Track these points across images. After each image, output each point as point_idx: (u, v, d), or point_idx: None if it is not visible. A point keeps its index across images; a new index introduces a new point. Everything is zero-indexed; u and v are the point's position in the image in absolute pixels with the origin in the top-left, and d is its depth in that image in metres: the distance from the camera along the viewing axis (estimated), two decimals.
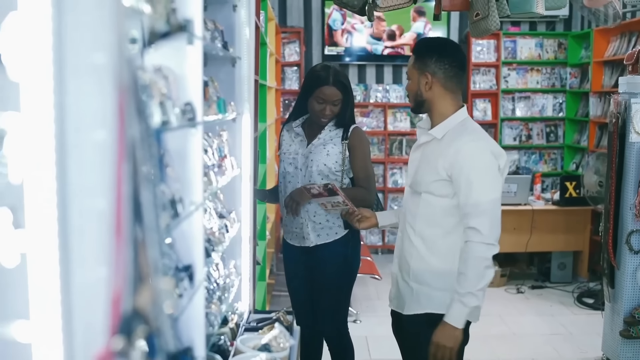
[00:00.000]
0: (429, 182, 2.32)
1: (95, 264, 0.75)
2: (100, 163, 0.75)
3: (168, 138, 1.38)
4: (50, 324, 0.71)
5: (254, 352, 1.79)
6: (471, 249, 2.21)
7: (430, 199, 2.34)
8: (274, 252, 5.90)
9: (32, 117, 0.71)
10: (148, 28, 1.04)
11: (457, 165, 2.25)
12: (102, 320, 0.74)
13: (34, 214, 0.71)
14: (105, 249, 0.74)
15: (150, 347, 0.77)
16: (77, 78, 0.74)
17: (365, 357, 4.33)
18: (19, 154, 0.69)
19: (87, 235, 0.74)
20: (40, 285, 0.71)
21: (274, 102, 5.83)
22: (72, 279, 0.73)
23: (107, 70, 0.76)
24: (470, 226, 2.22)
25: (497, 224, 2.25)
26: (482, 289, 2.21)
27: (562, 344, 4.63)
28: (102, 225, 0.75)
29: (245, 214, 2.37)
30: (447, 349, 2.23)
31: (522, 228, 5.79)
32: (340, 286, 3.15)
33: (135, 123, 0.77)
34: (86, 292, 0.74)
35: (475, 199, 2.22)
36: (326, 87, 2.96)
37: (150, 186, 0.79)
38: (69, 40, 0.74)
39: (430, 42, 2.62)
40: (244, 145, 2.31)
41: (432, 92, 2.36)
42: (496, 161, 2.28)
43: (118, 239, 0.73)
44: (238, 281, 2.28)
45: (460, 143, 2.27)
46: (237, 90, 2.25)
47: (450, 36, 6.98)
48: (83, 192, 0.75)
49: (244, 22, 2.29)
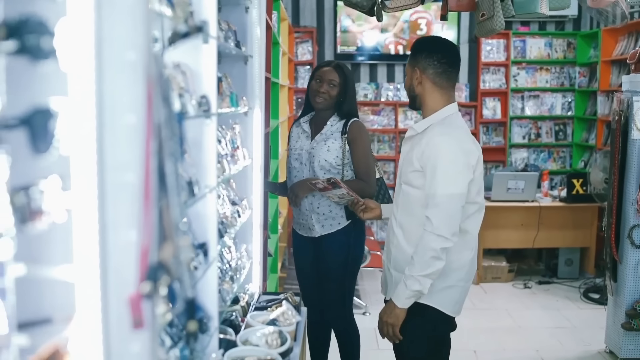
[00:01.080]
0: (407, 172, 2.40)
1: (126, 223, 0.91)
2: (131, 141, 0.91)
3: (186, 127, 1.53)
4: (89, 269, 0.87)
5: (263, 325, 1.95)
6: (422, 237, 2.27)
7: (408, 190, 2.41)
8: (285, 246, 6.05)
9: (77, 101, 0.87)
10: (170, 29, 1.20)
11: (425, 156, 2.31)
12: (133, 268, 0.90)
13: (77, 181, 0.87)
14: (135, 210, 0.90)
15: (171, 293, 0.92)
16: (113, 70, 0.90)
17: (374, 348, 4.46)
18: (67, 131, 0.85)
19: (121, 199, 0.90)
20: (81, 237, 0.87)
21: (286, 100, 5.97)
22: (108, 233, 0.89)
23: (137, 64, 0.91)
24: (426, 215, 2.29)
25: (451, 218, 2.27)
26: (426, 276, 2.27)
27: (566, 336, 4.72)
28: (133, 191, 0.91)
29: (256, 201, 2.53)
30: (389, 324, 2.37)
31: (529, 224, 5.87)
32: (344, 275, 3.26)
33: (161, 109, 0.93)
34: (119, 244, 0.90)
35: (434, 190, 2.28)
36: (325, 69, 3.19)
37: (172, 160, 0.95)
38: (106, 40, 0.89)
39: (423, 40, 2.69)
40: (255, 137, 2.47)
41: (422, 87, 2.43)
42: (465, 157, 2.32)
43: (146, 203, 0.89)
44: (249, 264, 2.44)
45: (432, 135, 2.34)
46: (249, 86, 2.42)
47: (460, 36, 7.09)
48: (117, 163, 0.90)
49: (255, 23, 2.45)
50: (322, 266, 3.27)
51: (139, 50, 0.91)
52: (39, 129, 0.77)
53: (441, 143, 2.30)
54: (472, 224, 2.43)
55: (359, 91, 7.17)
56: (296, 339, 2.02)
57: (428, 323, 2.43)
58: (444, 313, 2.43)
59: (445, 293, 2.41)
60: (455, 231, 2.29)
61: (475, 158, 2.37)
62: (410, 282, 2.28)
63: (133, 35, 0.91)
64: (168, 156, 0.93)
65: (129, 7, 0.90)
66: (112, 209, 0.89)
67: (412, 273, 2.27)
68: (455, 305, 2.47)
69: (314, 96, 3.19)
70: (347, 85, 3.20)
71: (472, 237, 2.46)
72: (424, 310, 2.40)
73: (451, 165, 2.29)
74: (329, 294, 3.26)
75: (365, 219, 2.90)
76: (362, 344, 4.31)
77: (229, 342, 1.86)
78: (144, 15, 0.91)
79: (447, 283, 2.40)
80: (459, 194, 2.29)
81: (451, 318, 2.48)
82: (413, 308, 2.37)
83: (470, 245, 2.45)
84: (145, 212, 0.89)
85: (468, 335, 4.55)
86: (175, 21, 1.21)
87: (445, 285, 2.40)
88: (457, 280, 2.43)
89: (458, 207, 2.29)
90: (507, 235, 5.97)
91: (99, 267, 0.88)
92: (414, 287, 2.28)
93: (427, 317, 2.41)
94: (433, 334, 2.47)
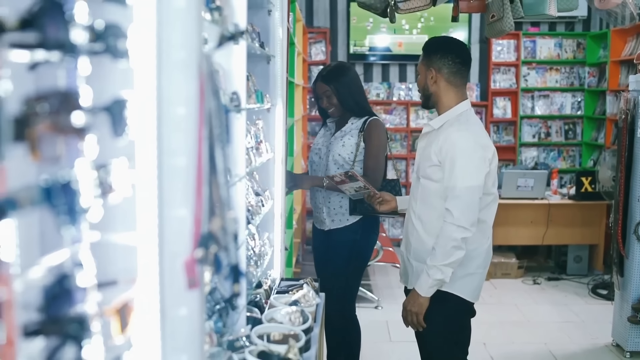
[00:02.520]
0: (425, 167, 2.54)
1: (181, 198, 1.05)
2: (185, 127, 1.06)
3: None
4: (149, 235, 1.02)
5: (285, 305, 2.10)
6: (443, 229, 2.41)
7: (427, 184, 2.54)
8: (300, 242, 6.19)
9: (141, 93, 1.02)
10: (215, 32, 1.35)
11: (444, 152, 2.45)
12: (187, 237, 1.05)
13: (141, 161, 1.02)
14: (189, 187, 1.05)
15: (218, 261, 1.07)
16: (171, 68, 1.05)
17: (385, 339, 4.59)
18: (133, 119, 1.00)
19: (177, 177, 1.05)
20: (143, 209, 1.02)
21: (301, 100, 6.12)
22: (165, 206, 1.04)
23: (191, 63, 1.06)
24: (446, 207, 2.42)
25: (470, 209, 2.40)
26: (448, 265, 2.40)
27: (574, 330, 4.82)
28: (187, 171, 1.06)
29: (278, 192, 2.68)
30: (413, 313, 2.51)
31: (538, 221, 5.98)
32: (347, 270, 3.32)
33: (211, 101, 1.07)
34: (175, 215, 1.05)
35: (453, 183, 2.41)
36: (316, 85, 3.33)
37: (220, 145, 1.09)
38: (165, 41, 1.05)
39: (437, 40, 2.76)
40: (277, 132, 2.62)
41: (437, 86, 2.56)
42: (482, 151, 2.46)
43: (198, 181, 1.04)
44: (271, 252, 2.59)
45: (450, 131, 2.47)
46: (271, 84, 2.57)
47: (471, 36, 7.21)
48: (173, 147, 1.06)
49: (277, 25, 2.60)
50: (328, 259, 3.37)
51: (192, 50, 1.07)
52: (117, 116, 0.92)
53: (459, 139, 2.44)
54: (488, 214, 2.57)
55: (371, 90, 7.30)
56: (316, 320, 2.17)
57: (450, 310, 2.57)
58: (465, 299, 2.57)
59: (466, 280, 2.55)
60: (474, 221, 2.42)
61: (491, 152, 2.51)
62: (433, 271, 2.41)
63: (187, 38, 1.06)
64: (217, 142, 1.08)
65: (184, 14, 1.05)
66: (170, 185, 1.04)
67: (434, 263, 2.41)
68: (475, 291, 2.61)
69: (326, 113, 3.37)
70: (341, 87, 3.26)
71: (488, 226, 2.60)
72: (446, 297, 2.53)
73: (469, 159, 2.42)
74: (330, 286, 3.23)
75: (381, 210, 2.99)
76: (375, 337, 4.45)
77: (255, 319, 2.02)
78: (195, 21, 1.06)
79: (467, 271, 2.54)
80: (477, 186, 2.42)
81: (471, 304, 2.62)
82: (435, 296, 2.50)
83: (486, 235, 2.60)
84: (197, 189, 1.04)
85: (478, 328, 4.63)
86: (218, 25, 1.36)
87: (466, 273, 2.54)
88: (476, 268, 2.57)
89: (476, 198, 2.43)
90: (516, 232, 6.07)
91: (157, 235, 1.03)
92: (437, 276, 2.41)
93: (449, 304, 2.55)
94: (455, 320, 2.62)
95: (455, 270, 2.48)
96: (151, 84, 1.01)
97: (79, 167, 0.83)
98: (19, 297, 0.73)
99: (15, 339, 0.72)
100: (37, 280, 0.76)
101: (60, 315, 0.80)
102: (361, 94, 3.40)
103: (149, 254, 1.02)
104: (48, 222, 0.82)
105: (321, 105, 3.34)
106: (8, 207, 0.65)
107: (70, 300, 0.82)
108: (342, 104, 3.28)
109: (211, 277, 1.10)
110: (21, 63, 0.73)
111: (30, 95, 0.73)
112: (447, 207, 2.43)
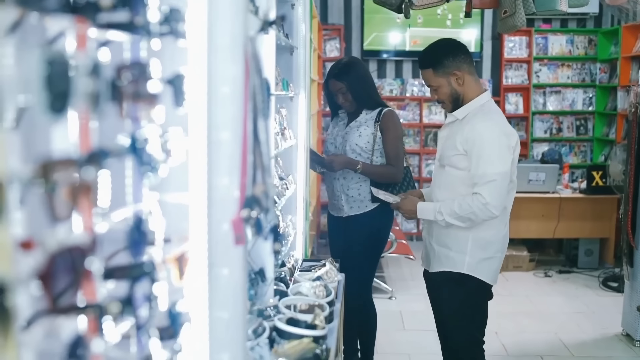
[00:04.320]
0: (450, 156, 2.65)
1: (227, 166, 1.19)
2: (232, 101, 1.19)
3: None
4: (200, 195, 1.15)
5: (310, 281, 2.23)
6: (473, 200, 2.53)
7: (451, 171, 2.67)
8: (315, 234, 6.31)
9: (193, 71, 1.15)
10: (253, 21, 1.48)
11: (470, 141, 2.56)
12: (234, 199, 1.18)
13: (193, 131, 1.16)
14: (236, 155, 1.18)
15: (259, 223, 1.19)
16: (220, 48, 1.18)
17: (399, 328, 4.70)
18: (187, 93, 1.13)
19: (222, 149, 1.18)
20: (195, 173, 1.15)
21: (316, 95, 6.24)
22: (213, 174, 1.18)
23: (237, 44, 1.19)
24: (475, 192, 2.55)
25: (501, 194, 2.54)
26: (453, 219, 2.58)
27: (584, 321, 4.90)
28: (233, 144, 1.19)
29: (300, 178, 2.81)
30: (405, 211, 2.80)
31: (550, 215, 6.05)
32: (367, 256, 3.46)
33: (255, 78, 1.20)
34: (222, 182, 1.18)
35: (482, 170, 2.53)
36: (329, 82, 3.39)
37: (263, 119, 1.22)
38: (215, 26, 1.18)
39: (436, 49, 2.76)
40: (300, 120, 2.75)
41: (463, 84, 2.65)
42: (506, 139, 2.58)
43: (244, 151, 1.17)
44: (293, 233, 2.73)
45: (475, 121, 2.59)
46: (295, 74, 2.71)
47: (484, 33, 7.31)
48: (222, 119, 1.19)
49: (300, 19, 2.73)
50: (347, 245, 3.48)
51: (238, 33, 1.20)
52: (178, 89, 1.05)
53: (484, 129, 2.56)
54: (509, 200, 2.71)
55: (385, 87, 7.41)
56: (337, 297, 2.30)
57: (470, 291, 2.71)
58: (484, 282, 2.70)
59: (485, 264, 2.68)
60: (501, 206, 2.56)
61: (515, 140, 2.63)
62: (438, 216, 2.62)
63: (234, 21, 1.19)
64: (260, 115, 1.21)
65: (232, 1, 1.18)
66: (217, 156, 1.17)
67: (445, 212, 2.59)
68: (494, 274, 2.74)
69: (341, 108, 3.46)
70: (353, 83, 3.35)
71: (507, 212, 2.73)
72: (466, 279, 2.67)
73: (495, 147, 2.55)
74: (349, 271, 3.30)
75: None
76: (389, 325, 4.57)
77: (282, 292, 2.15)
78: (242, 6, 1.19)
79: (487, 255, 2.67)
80: (505, 172, 2.55)
81: (489, 286, 2.75)
82: (456, 278, 2.66)
83: (505, 221, 2.73)
84: (243, 158, 1.17)
85: (490, 318, 4.73)
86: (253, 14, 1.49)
87: (485, 256, 2.67)
88: (495, 252, 2.70)
89: (505, 184, 2.56)
90: (528, 225, 6.12)
91: (207, 198, 1.16)
92: (438, 218, 2.63)
93: (469, 286, 2.68)
94: (474, 301, 2.75)
95: (476, 254, 2.64)
96: (202, 62, 1.14)
97: (150, 130, 0.96)
98: (104, 239, 0.86)
99: (97, 278, 0.86)
100: (119, 225, 0.89)
101: (136, 257, 0.93)
102: (373, 86, 3.51)
103: (200, 215, 1.15)
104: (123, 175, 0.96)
105: (337, 102, 3.42)
106: (102, 156, 0.78)
107: (144, 245, 0.95)
108: (356, 98, 3.38)
109: (254, 237, 1.23)
110: (112, 38, 0.86)
111: (119, 65, 0.87)
112: (476, 191, 2.54)
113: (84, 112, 0.75)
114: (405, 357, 4.17)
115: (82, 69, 0.72)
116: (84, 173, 0.72)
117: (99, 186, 0.78)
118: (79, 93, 0.70)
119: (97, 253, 0.82)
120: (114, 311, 0.81)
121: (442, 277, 2.76)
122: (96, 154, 0.77)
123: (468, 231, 2.65)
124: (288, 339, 1.71)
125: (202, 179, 1.16)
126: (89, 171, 0.73)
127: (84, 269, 0.74)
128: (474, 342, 2.81)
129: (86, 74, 0.72)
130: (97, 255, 0.81)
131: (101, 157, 0.78)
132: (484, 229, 2.65)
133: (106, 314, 0.80)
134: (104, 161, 0.79)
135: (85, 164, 0.73)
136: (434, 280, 2.85)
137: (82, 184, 0.72)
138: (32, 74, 0.65)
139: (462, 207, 2.56)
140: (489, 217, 2.55)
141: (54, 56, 0.66)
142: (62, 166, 0.68)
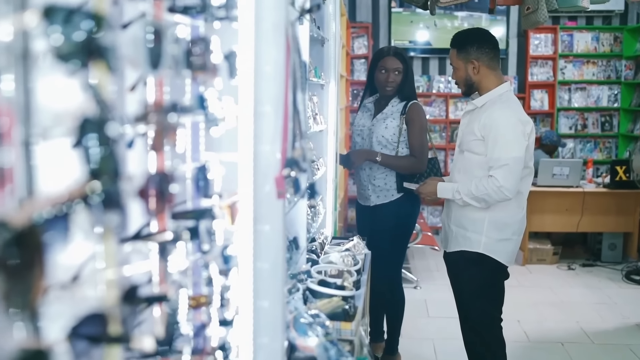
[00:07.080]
0: (469, 141, 2.82)
1: (272, 130, 1.39)
2: (275, 77, 1.39)
3: None
4: (246, 156, 1.35)
5: (338, 252, 2.42)
6: (489, 182, 2.69)
7: (470, 156, 2.83)
8: (342, 226, 6.50)
9: (243, 48, 1.35)
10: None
11: (488, 127, 2.72)
12: (276, 160, 1.38)
13: (242, 101, 1.36)
14: (279, 122, 1.38)
15: (297, 183, 1.39)
16: (264, 29, 1.38)
17: (424, 315, 4.86)
18: (239, 68, 1.33)
19: (266, 117, 1.38)
20: (243, 135, 1.35)
21: (344, 91, 6.43)
22: (258, 141, 1.38)
23: (279, 26, 1.39)
24: (490, 174, 2.70)
25: (515, 178, 2.68)
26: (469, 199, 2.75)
27: (606, 311, 4.99)
28: (276, 112, 1.39)
29: (330, 161, 3.01)
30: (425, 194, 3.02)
31: (573, 209, 6.13)
32: (394, 243, 3.60)
33: (295, 56, 1.40)
34: (266, 146, 1.38)
35: (497, 155, 2.68)
36: (387, 58, 3.50)
37: (302, 92, 1.41)
38: (261, 9, 1.38)
39: (467, 34, 2.98)
40: (330, 106, 2.95)
41: (479, 74, 2.84)
42: (522, 126, 2.73)
43: (285, 119, 1.37)
44: (323, 212, 2.92)
45: (493, 109, 2.75)
46: (325, 64, 2.90)
47: (509, 30, 7.42)
48: (265, 93, 1.39)
49: (330, 14, 2.93)
50: (374, 233, 3.59)
51: (280, 17, 1.40)
52: (232, 63, 1.26)
53: (501, 116, 2.72)
54: (525, 185, 2.86)
55: None
56: (364, 268, 2.49)
57: (487, 271, 2.87)
58: (500, 262, 2.86)
59: (502, 245, 2.84)
60: (515, 190, 2.71)
61: (530, 127, 2.78)
62: (456, 195, 2.80)
63: (276, 10, 1.39)
64: (299, 90, 1.40)
65: None
66: (260, 125, 1.38)
67: (462, 192, 2.76)
68: (510, 255, 2.90)
69: (383, 87, 3.53)
70: (408, 69, 3.53)
71: (523, 197, 2.89)
72: (484, 260, 2.84)
73: (511, 133, 2.70)
74: (378, 258, 3.43)
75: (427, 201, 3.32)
76: (414, 313, 4.72)
77: (314, 261, 2.35)
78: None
79: (503, 236, 2.83)
80: (519, 157, 2.70)
81: (505, 267, 2.91)
82: (474, 258, 2.82)
83: (522, 205, 2.89)
84: (284, 125, 1.37)
85: (512, 308, 4.86)
86: (293, 4, 1.70)
87: (502, 238, 2.83)
88: (512, 234, 2.86)
89: (519, 168, 2.71)
90: (552, 219, 6.21)
91: (253, 159, 1.36)
92: (456, 196, 2.80)
93: (486, 266, 2.85)
94: (491, 281, 2.91)
95: (493, 235, 2.80)
96: (250, 42, 1.34)
97: (212, 95, 1.17)
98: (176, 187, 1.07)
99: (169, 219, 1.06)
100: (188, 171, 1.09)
101: (198, 202, 1.14)
102: (414, 80, 3.67)
103: (247, 174, 1.36)
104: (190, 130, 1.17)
105: (387, 79, 3.48)
106: (179, 109, 0.99)
107: (207, 191, 1.16)
108: (403, 84, 3.51)
109: (293, 195, 1.42)
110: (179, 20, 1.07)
111: (189, 39, 1.07)
112: (491, 174, 2.70)
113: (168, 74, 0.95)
114: (429, 342, 4.33)
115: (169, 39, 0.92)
116: (170, 118, 0.93)
117: (178, 133, 0.99)
118: (167, 57, 0.91)
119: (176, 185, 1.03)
120: (184, 237, 1.01)
121: (459, 256, 2.93)
122: (175, 105, 0.97)
123: (485, 212, 2.81)
124: (320, 298, 1.91)
125: (249, 144, 1.36)
126: (172, 117, 0.94)
127: (170, 193, 0.94)
128: (491, 318, 2.97)
129: (171, 43, 0.93)
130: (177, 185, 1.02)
131: (178, 109, 0.99)
132: (499, 210, 2.80)
133: (179, 239, 1.01)
134: (181, 113, 0.99)
135: (171, 111, 0.93)
136: (452, 260, 3.02)
137: (169, 126, 0.92)
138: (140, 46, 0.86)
139: (478, 188, 2.72)
140: (503, 199, 2.70)
141: (154, 26, 0.87)
142: (155, 111, 0.88)
